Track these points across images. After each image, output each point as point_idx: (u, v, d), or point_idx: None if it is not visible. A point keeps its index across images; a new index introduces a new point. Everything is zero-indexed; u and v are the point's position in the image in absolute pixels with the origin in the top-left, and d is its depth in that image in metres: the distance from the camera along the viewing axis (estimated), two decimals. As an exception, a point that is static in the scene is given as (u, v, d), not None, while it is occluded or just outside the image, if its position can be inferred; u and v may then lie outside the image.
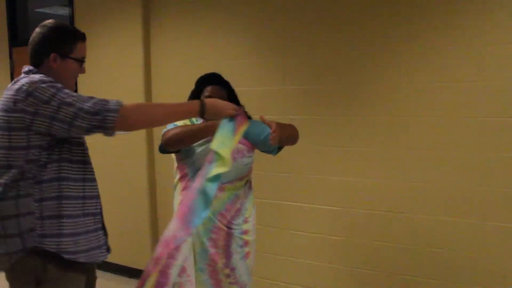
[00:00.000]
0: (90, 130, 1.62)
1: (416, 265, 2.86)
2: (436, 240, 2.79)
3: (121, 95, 3.96)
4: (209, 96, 2.17)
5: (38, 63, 1.76)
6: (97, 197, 1.86)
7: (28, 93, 1.60)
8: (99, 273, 1.93)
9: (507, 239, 2.59)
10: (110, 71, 3.99)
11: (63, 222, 1.69)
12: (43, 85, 1.62)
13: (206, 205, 1.72)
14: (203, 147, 2.13)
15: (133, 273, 4.03)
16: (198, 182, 1.75)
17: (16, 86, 1.64)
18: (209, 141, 2.05)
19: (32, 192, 1.65)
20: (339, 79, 3.01)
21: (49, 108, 1.59)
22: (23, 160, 1.63)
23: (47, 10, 5.04)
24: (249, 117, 2.13)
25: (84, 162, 1.79)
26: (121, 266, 4.11)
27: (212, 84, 2.25)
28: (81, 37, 1.84)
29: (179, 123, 2.15)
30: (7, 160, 1.65)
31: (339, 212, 3.08)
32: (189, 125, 2.15)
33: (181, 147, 2.14)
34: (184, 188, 2.19)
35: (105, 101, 1.64)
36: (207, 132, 2.02)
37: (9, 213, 1.65)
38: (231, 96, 2.29)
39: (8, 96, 1.65)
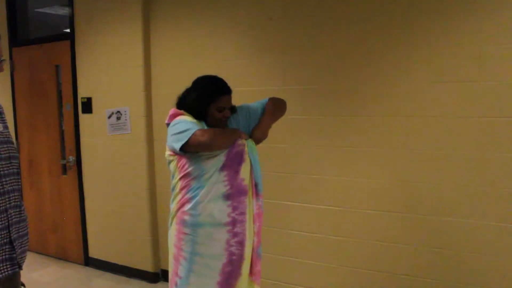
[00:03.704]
0: None
1: (416, 265, 2.86)
2: (436, 240, 2.79)
3: (121, 95, 3.99)
4: (222, 108, 2.21)
5: None
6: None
7: None
8: (99, 272, 1.91)
9: (507, 239, 2.59)
10: (110, 71, 3.98)
11: None
12: None
13: None
14: (206, 153, 2.15)
15: (133, 273, 4.03)
16: None
17: None
18: None
19: None
20: (339, 79, 3.01)
21: None
22: None
23: (47, 10, 5.04)
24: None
25: None
26: (121, 266, 4.12)
27: (227, 93, 2.24)
28: None
29: (187, 120, 2.17)
30: None
31: (339, 212, 3.08)
32: (220, 129, 2.19)
33: (216, 149, 2.14)
34: (185, 187, 2.19)
35: None
36: (237, 136, 2.19)
37: None
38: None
39: None
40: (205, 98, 2.20)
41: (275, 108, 2.39)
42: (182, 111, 2.25)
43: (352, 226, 3.05)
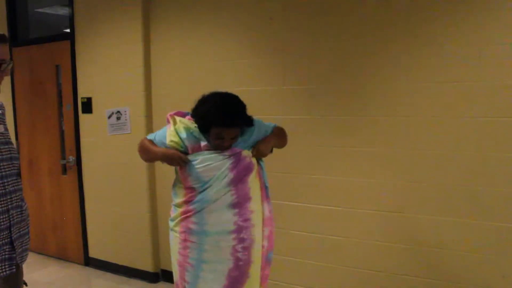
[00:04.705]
0: None
1: (416, 265, 2.86)
2: (436, 240, 2.79)
3: (121, 95, 3.99)
4: (221, 137, 2.08)
5: None
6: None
7: None
8: (99, 272, 1.91)
9: (507, 239, 2.59)
10: (110, 71, 3.99)
11: None
12: None
13: None
14: (203, 164, 2.11)
15: (133, 273, 4.03)
16: None
17: None
18: (204, 155, 2.11)
19: None
20: (339, 79, 3.02)
21: None
22: None
23: (47, 10, 5.03)
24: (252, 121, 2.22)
25: None
26: (121, 266, 4.12)
27: (227, 126, 2.07)
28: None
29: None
30: None
31: (339, 212, 3.08)
32: (153, 147, 2.26)
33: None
34: (190, 197, 2.17)
35: None
36: (162, 160, 2.21)
37: None
38: (246, 122, 2.19)
39: None
40: (206, 120, 2.09)
41: (280, 133, 2.40)
42: (172, 119, 2.21)
43: (352, 226, 3.05)
